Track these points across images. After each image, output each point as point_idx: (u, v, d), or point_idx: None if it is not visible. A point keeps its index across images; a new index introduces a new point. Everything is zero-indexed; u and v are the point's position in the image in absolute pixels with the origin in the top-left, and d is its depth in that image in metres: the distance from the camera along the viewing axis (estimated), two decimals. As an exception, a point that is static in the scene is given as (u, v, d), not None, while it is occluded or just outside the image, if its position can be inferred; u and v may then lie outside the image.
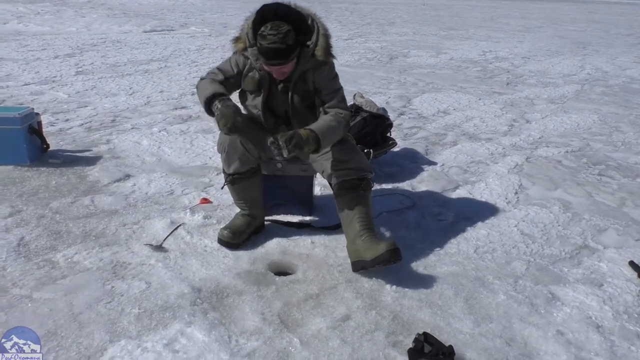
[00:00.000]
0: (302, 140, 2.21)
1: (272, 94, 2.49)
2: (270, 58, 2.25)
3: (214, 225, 2.75)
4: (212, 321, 2.01)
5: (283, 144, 2.17)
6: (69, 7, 14.40)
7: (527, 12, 21.46)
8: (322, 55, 2.38)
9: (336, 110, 2.43)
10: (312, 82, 2.43)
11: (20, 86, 5.74)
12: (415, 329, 2.02)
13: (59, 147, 3.85)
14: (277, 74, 2.36)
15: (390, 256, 2.24)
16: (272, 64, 2.28)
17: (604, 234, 2.94)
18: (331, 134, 2.35)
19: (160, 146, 3.98)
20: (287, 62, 2.28)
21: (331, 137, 2.36)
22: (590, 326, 2.12)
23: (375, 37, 11.42)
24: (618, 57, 10.03)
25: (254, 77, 2.45)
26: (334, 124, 2.36)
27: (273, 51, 2.22)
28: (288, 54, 2.25)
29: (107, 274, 2.30)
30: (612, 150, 4.47)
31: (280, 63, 2.27)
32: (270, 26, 2.23)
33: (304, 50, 2.36)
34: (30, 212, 2.83)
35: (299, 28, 2.31)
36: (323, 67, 2.43)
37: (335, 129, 2.36)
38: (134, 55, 7.96)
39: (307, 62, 2.39)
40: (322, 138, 2.28)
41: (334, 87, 2.47)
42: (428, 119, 5.23)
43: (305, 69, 2.40)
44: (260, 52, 2.27)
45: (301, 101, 2.48)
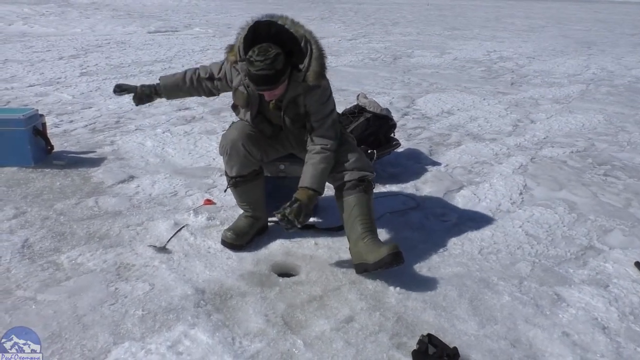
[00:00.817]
0: (308, 206, 2.29)
1: (264, 108, 2.47)
2: (259, 84, 2.21)
3: (217, 227, 2.75)
4: (215, 323, 2.01)
5: (294, 219, 2.24)
6: (74, 9, 14.45)
7: (531, 12, 21.40)
8: (314, 80, 2.32)
9: (321, 144, 2.40)
10: (304, 105, 2.39)
11: (25, 87, 5.76)
12: (420, 331, 2.01)
13: (63, 148, 3.86)
14: (269, 97, 2.34)
15: (393, 259, 2.23)
16: (261, 90, 2.26)
17: (610, 234, 2.92)
18: (324, 176, 2.40)
19: (164, 147, 3.98)
20: (277, 86, 2.23)
21: (325, 179, 2.42)
22: (596, 327, 2.11)
23: (379, 37, 11.41)
24: (623, 57, 9.98)
25: (243, 93, 2.44)
26: (323, 165, 2.38)
27: (262, 78, 2.17)
28: (277, 79, 2.20)
29: (110, 275, 2.30)
30: (618, 150, 4.44)
31: (270, 89, 2.23)
32: (258, 51, 2.15)
33: (295, 75, 2.31)
34: (35, 213, 2.84)
35: (290, 49, 2.24)
36: (315, 91, 2.37)
37: (326, 171, 2.41)
38: (138, 56, 7.98)
39: (298, 87, 2.33)
40: (320, 188, 2.37)
41: (324, 113, 2.43)
42: (432, 119, 5.22)
43: (296, 93, 2.36)
44: (249, 79, 2.23)
45: (293, 123, 2.45)
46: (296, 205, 2.26)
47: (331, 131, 2.45)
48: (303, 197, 2.30)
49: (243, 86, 2.43)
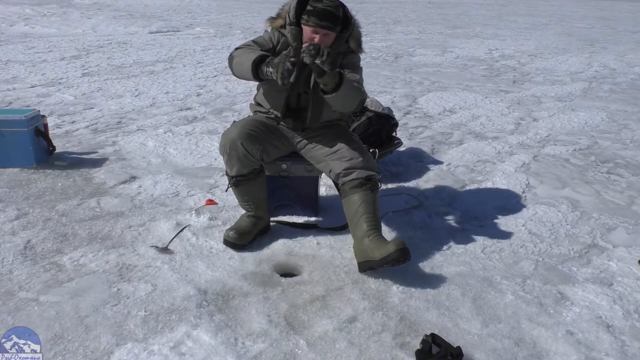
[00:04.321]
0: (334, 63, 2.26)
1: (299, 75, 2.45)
2: (323, 19, 2.34)
3: (219, 227, 2.75)
4: (218, 323, 2.01)
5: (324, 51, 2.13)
6: (75, 9, 14.47)
7: (534, 10, 21.35)
8: (355, 45, 2.54)
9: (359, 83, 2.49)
10: (340, 66, 2.47)
11: (27, 88, 5.77)
12: (423, 330, 2.00)
13: (65, 149, 3.86)
14: (320, 40, 2.36)
15: (399, 255, 2.22)
16: (323, 25, 2.35)
17: (613, 232, 2.91)
18: (351, 89, 2.36)
19: (165, 147, 3.98)
20: (335, 29, 2.39)
21: (349, 92, 2.35)
22: (600, 326, 2.10)
23: (381, 36, 11.39)
24: (626, 54, 9.94)
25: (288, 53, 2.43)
26: (356, 85, 2.42)
27: (328, 13, 2.34)
28: (338, 21, 2.39)
29: (113, 276, 2.30)
30: (621, 148, 4.43)
31: (330, 27, 2.36)
32: None
33: (340, 35, 2.46)
34: (37, 214, 2.84)
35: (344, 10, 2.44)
36: (352, 55, 2.56)
37: (355, 90, 2.41)
38: (140, 57, 7.98)
39: (341, 46, 2.49)
40: (345, 83, 2.28)
41: (358, 72, 2.55)
42: (434, 118, 5.20)
43: (337, 51, 2.48)
44: (313, 14, 2.35)
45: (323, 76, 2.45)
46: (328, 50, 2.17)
47: (361, 84, 2.52)
48: None
49: (290, 47, 2.45)
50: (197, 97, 5.62)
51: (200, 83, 6.33)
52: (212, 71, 6.99)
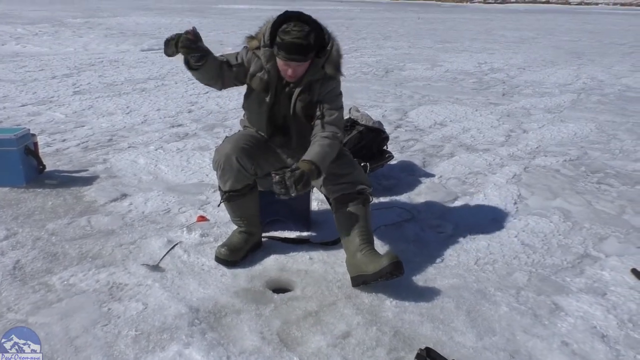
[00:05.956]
0: (310, 178, 2.23)
1: (278, 96, 2.49)
2: (291, 53, 2.28)
3: (211, 243, 2.73)
4: (210, 342, 1.98)
5: (291, 184, 2.16)
6: (67, 28, 14.49)
7: (521, 24, 21.64)
8: (332, 70, 2.43)
9: (332, 131, 2.42)
10: (317, 94, 2.45)
11: (18, 107, 5.74)
12: (418, 345, 1.98)
13: (56, 167, 3.83)
14: (292, 72, 2.36)
15: (393, 269, 2.21)
16: (292, 58, 2.30)
17: (605, 242, 2.92)
18: (328, 160, 2.37)
19: (157, 164, 3.96)
20: (306, 60, 2.33)
21: (327, 164, 2.38)
22: (595, 336, 2.09)
23: (371, 52, 11.48)
24: (613, 66, 10.08)
25: (262, 78, 2.45)
26: (328, 149, 2.37)
27: (295, 46, 2.26)
28: (308, 52, 2.30)
29: (103, 295, 2.27)
30: (610, 158, 4.46)
31: (300, 59, 2.30)
32: (294, 23, 2.29)
33: (316, 60, 2.40)
34: (26, 234, 2.81)
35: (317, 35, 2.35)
36: (331, 82, 2.47)
37: (330, 155, 2.38)
38: (131, 74, 7.99)
39: (317, 73, 2.42)
40: (322, 169, 2.31)
41: (336, 105, 2.49)
42: (425, 131, 5.23)
43: (313, 78, 2.43)
44: (281, 47, 2.29)
45: (302, 109, 2.47)
46: (298, 172, 2.20)
47: (341, 123, 2.50)
48: (306, 167, 2.25)
49: (264, 71, 2.44)
50: (189, 114, 5.62)
51: (191, 100, 6.34)
52: (203, 88, 6.99)
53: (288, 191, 2.17)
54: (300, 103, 2.46)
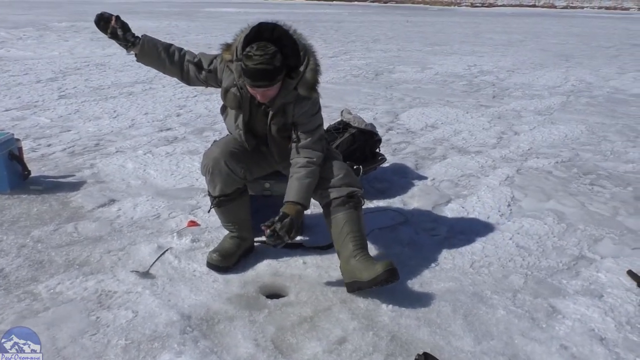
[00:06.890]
0: (298, 221, 2.23)
1: (252, 114, 2.43)
2: (256, 80, 2.16)
3: (202, 249, 2.67)
4: (203, 350, 1.93)
5: (284, 234, 2.17)
6: (52, 32, 14.32)
7: (509, 27, 21.79)
8: (305, 91, 2.30)
9: (307, 157, 2.36)
10: (292, 116, 2.36)
11: (1, 112, 5.63)
12: (415, 349, 1.95)
13: (41, 172, 3.75)
14: (262, 97, 2.27)
15: (388, 277, 2.17)
16: (258, 86, 2.19)
17: (600, 243, 2.91)
18: (311, 190, 2.36)
19: (145, 169, 3.90)
20: (273, 84, 2.20)
21: (311, 193, 2.37)
22: (593, 339, 2.07)
23: (360, 54, 11.47)
24: (601, 69, 10.16)
25: (235, 95, 2.39)
26: (309, 180, 2.34)
27: (259, 72, 2.13)
28: (274, 76, 2.17)
29: (91, 304, 2.20)
30: (602, 159, 4.47)
31: (266, 85, 2.18)
32: (257, 46, 2.15)
33: (287, 82, 2.27)
34: (11, 241, 2.73)
35: (288, 54, 2.22)
36: (305, 102, 2.35)
37: (312, 185, 2.36)
38: (118, 78, 7.90)
39: (289, 95, 2.31)
40: (307, 203, 2.32)
41: (312, 125, 2.41)
42: (416, 133, 5.21)
43: (286, 100, 2.33)
44: (246, 74, 2.17)
45: (278, 132, 2.42)
46: (287, 220, 2.19)
47: (318, 145, 2.41)
48: (292, 211, 2.24)
49: (236, 87, 2.36)
50: (177, 118, 5.55)
51: (180, 103, 6.27)
52: (192, 91, 6.92)
53: (283, 240, 2.19)
54: (274, 126, 2.40)
